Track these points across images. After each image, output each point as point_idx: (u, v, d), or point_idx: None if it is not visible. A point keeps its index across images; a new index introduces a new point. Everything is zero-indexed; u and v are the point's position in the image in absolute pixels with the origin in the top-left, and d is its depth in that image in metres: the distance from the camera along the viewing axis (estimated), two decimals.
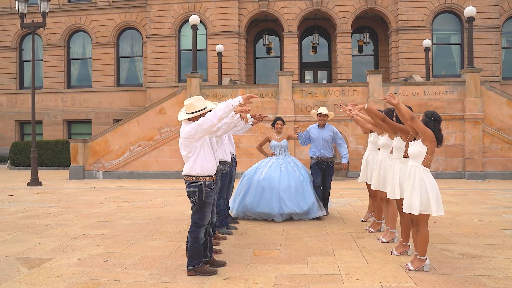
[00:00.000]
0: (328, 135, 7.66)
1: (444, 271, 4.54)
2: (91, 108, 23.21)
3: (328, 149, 7.67)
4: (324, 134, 7.66)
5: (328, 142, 7.65)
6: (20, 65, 24.33)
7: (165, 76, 21.54)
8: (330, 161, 7.67)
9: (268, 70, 23.26)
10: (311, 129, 7.77)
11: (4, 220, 7.65)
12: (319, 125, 7.74)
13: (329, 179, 7.74)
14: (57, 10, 23.21)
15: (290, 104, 14.97)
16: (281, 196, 7.24)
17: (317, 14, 21.60)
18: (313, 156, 7.69)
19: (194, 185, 4.49)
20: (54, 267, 4.79)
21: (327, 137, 7.65)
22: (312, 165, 7.71)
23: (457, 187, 12.29)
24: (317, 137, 7.63)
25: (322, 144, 7.61)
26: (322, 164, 7.62)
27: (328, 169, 7.67)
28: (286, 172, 7.46)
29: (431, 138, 4.40)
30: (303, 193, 7.37)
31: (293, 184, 7.34)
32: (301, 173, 7.57)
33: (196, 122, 4.44)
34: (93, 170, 15.50)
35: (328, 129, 7.71)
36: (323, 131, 7.67)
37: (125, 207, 9.12)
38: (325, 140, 7.63)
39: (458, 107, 14.70)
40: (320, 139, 7.62)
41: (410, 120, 4.45)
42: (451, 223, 7.12)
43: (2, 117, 24.08)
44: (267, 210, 7.24)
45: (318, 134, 7.66)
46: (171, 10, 21.45)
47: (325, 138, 7.64)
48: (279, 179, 7.35)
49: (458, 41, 20.72)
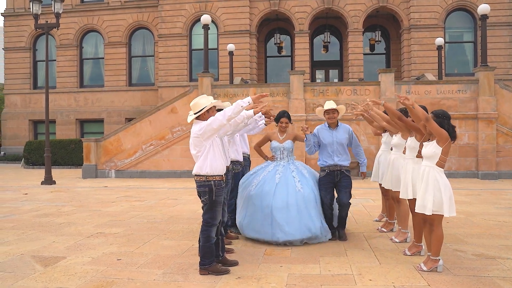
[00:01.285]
0: (343, 137, 5.98)
1: (457, 272, 4.51)
2: (103, 108, 23.41)
3: (344, 156, 5.99)
4: (338, 136, 5.97)
5: (344, 146, 6.00)
6: (34, 65, 24.64)
7: (177, 75, 21.64)
8: (346, 169, 5.97)
9: (279, 69, 23.23)
10: (320, 131, 6.06)
11: (20, 218, 7.76)
12: (329, 125, 6.04)
13: (346, 194, 5.90)
14: (70, 10, 23.45)
15: (301, 103, 14.95)
16: (275, 218, 5.60)
17: (328, 13, 21.51)
18: (324, 166, 5.95)
19: (204, 185, 4.51)
20: (68, 265, 4.86)
21: (342, 139, 5.97)
22: (322, 179, 5.97)
23: (470, 187, 12.16)
24: (330, 141, 5.96)
25: (336, 149, 5.93)
26: (335, 175, 5.92)
27: (344, 180, 5.93)
28: (284, 185, 5.78)
29: (446, 138, 4.37)
30: (308, 212, 5.68)
31: (292, 201, 5.64)
32: (307, 184, 5.86)
33: (206, 122, 4.47)
34: (106, 169, 15.64)
35: (343, 130, 6.05)
36: (336, 133, 5.99)
37: (137, 206, 9.19)
38: (339, 143, 5.95)
39: (471, 106, 14.55)
40: (334, 144, 5.93)
41: (425, 121, 4.41)
42: (464, 223, 7.05)
43: (16, 116, 24.41)
44: (259, 235, 5.71)
45: (330, 137, 5.97)
46: (183, 10, 21.54)
47: (339, 142, 5.95)
48: (273, 195, 5.68)
49: (471, 39, 20.49)
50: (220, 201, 4.58)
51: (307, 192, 5.72)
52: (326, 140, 5.99)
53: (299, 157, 14.75)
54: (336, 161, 5.91)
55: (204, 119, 4.58)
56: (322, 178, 5.98)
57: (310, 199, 5.72)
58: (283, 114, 6.13)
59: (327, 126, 6.07)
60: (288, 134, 6.20)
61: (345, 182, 5.94)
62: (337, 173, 5.91)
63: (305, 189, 5.75)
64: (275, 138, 6.21)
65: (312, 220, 5.66)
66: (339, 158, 5.94)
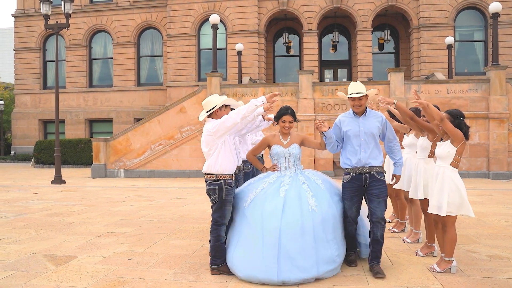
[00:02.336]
0: (373, 126, 4.47)
1: (471, 273, 4.45)
2: (112, 107, 23.52)
3: (375, 151, 4.48)
4: (367, 125, 4.47)
5: (375, 138, 4.50)
6: (43, 65, 24.83)
7: (185, 75, 21.68)
8: (378, 171, 4.44)
9: (287, 68, 23.20)
10: (343, 121, 4.61)
11: (31, 217, 7.81)
12: (355, 112, 4.56)
13: (379, 206, 4.41)
14: (79, 11, 23.59)
15: (310, 103, 14.90)
16: (284, 248, 4.14)
17: (337, 12, 21.43)
18: (348, 168, 4.50)
19: (214, 183, 4.50)
20: (80, 264, 4.87)
21: (372, 129, 4.45)
22: (345, 185, 4.53)
23: (481, 187, 12.04)
24: (355, 132, 4.48)
25: (364, 142, 4.44)
26: (363, 180, 4.42)
27: (376, 186, 4.41)
28: (295, 201, 4.33)
29: (461, 139, 4.32)
30: (325, 238, 4.29)
31: (308, 225, 4.22)
32: (324, 199, 4.43)
33: (219, 120, 4.47)
34: (115, 169, 15.70)
35: (373, 117, 4.53)
36: (364, 120, 4.50)
37: (147, 205, 9.21)
38: (369, 134, 4.45)
39: (482, 106, 14.41)
40: (361, 134, 4.45)
41: (440, 121, 4.36)
42: (477, 224, 6.98)
43: (26, 116, 24.60)
44: (258, 273, 4.14)
45: (356, 126, 4.49)
46: (191, 10, 21.57)
47: (369, 132, 4.44)
48: (281, 215, 4.23)
49: (482, 38, 20.30)
50: (230, 200, 4.56)
51: (324, 211, 4.32)
52: (350, 131, 4.50)
53: (307, 157, 14.71)
54: (363, 158, 4.42)
55: (217, 117, 4.58)
56: (346, 184, 4.51)
57: (328, 219, 4.33)
58: (286, 111, 4.64)
59: (352, 113, 4.59)
60: (293, 137, 4.77)
61: (377, 188, 4.40)
62: (366, 177, 4.40)
63: (322, 206, 4.34)
64: (277, 142, 4.76)
65: (330, 248, 4.30)
66: (368, 155, 4.42)
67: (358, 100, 4.48)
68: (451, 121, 4.39)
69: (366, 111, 4.55)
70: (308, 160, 14.71)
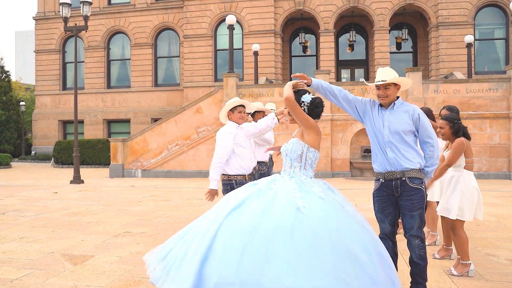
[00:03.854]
0: (402, 122, 3.53)
1: (490, 277, 4.37)
2: (130, 108, 23.79)
3: (408, 152, 3.53)
4: (393, 121, 3.55)
5: (402, 136, 3.52)
6: (63, 67, 25.27)
7: (202, 75, 21.80)
8: (411, 177, 3.50)
9: (304, 68, 23.10)
10: (368, 108, 3.71)
11: (50, 216, 7.95)
12: (381, 104, 3.67)
13: (413, 220, 3.53)
14: (98, 13, 23.93)
15: (327, 103, 14.74)
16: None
17: (354, 11, 21.27)
18: (378, 171, 3.65)
19: (226, 183, 4.62)
20: (97, 264, 4.94)
21: (399, 126, 3.53)
22: (374, 193, 3.71)
23: (502, 188, 11.81)
24: (379, 128, 3.59)
25: (389, 142, 3.53)
26: (393, 188, 3.54)
27: (409, 195, 3.51)
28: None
29: (462, 147, 4.41)
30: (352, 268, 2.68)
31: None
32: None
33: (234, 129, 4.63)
34: (132, 169, 15.88)
35: (403, 111, 3.58)
36: (391, 115, 3.58)
37: (163, 205, 9.28)
38: (395, 132, 3.52)
39: (502, 105, 14.13)
40: (386, 131, 3.55)
41: (447, 162, 4.47)
42: (497, 226, 6.84)
43: (46, 116, 25.06)
44: None
45: (380, 121, 3.60)
46: (208, 11, 21.68)
47: (395, 129, 3.52)
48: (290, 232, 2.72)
49: (503, 36, 19.91)
50: None
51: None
52: (374, 127, 3.63)
53: (323, 158, 14.62)
54: (392, 159, 3.52)
55: (231, 119, 4.70)
56: (375, 192, 3.69)
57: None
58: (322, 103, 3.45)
59: (378, 104, 3.72)
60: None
61: (409, 200, 3.52)
62: (397, 184, 3.53)
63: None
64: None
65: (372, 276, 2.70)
66: (396, 155, 3.52)
67: (384, 89, 3.59)
68: (451, 126, 4.43)
69: (395, 103, 3.63)
70: (325, 161, 14.64)
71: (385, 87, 3.60)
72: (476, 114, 14.13)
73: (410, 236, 3.57)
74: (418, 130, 3.58)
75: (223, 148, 4.54)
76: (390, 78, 3.57)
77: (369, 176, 14.72)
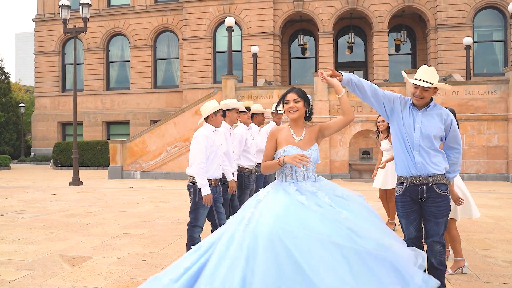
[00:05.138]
0: (434, 126, 3.38)
1: (487, 278, 4.38)
2: (129, 110, 23.82)
3: (436, 156, 3.39)
4: (426, 124, 3.38)
5: (432, 141, 3.37)
6: (62, 69, 25.30)
7: (201, 77, 21.83)
8: (438, 183, 3.37)
9: (303, 70, 23.17)
10: (397, 107, 3.49)
11: (49, 218, 7.95)
12: (415, 104, 3.45)
13: (437, 227, 3.39)
14: (97, 15, 23.96)
15: (325, 105, 14.85)
16: None
17: (353, 13, 21.33)
18: (402, 175, 3.48)
19: (190, 185, 4.62)
20: (95, 265, 4.94)
21: (431, 129, 3.37)
22: (398, 198, 3.53)
23: (500, 190, 11.83)
24: (409, 129, 3.41)
25: (418, 145, 3.36)
26: (418, 193, 3.39)
27: (435, 202, 3.37)
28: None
29: None
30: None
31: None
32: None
33: (197, 145, 4.57)
34: (131, 170, 15.89)
35: (436, 113, 3.43)
36: (423, 117, 3.41)
37: (162, 207, 9.29)
38: (426, 136, 3.36)
39: (501, 107, 14.16)
40: (416, 134, 3.38)
41: None
42: (494, 228, 6.86)
43: (46, 118, 25.08)
44: None
45: (411, 123, 3.41)
46: (207, 12, 21.72)
47: (426, 133, 3.36)
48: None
49: (501, 38, 19.97)
50: (203, 204, 4.58)
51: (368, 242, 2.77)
52: (402, 127, 3.44)
53: (322, 160, 14.64)
54: (419, 163, 3.37)
55: (212, 122, 4.69)
56: (399, 197, 3.51)
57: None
58: (290, 89, 3.26)
59: (410, 104, 3.49)
60: (309, 131, 3.25)
61: (436, 206, 3.38)
62: (422, 189, 3.38)
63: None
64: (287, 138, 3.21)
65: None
66: (424, 160, 3.37)
67: (422, 90, 3.36)
68: None
69: (429, 105, 3.44)
70: (323, 163, 14.66)
71: (424, 88, 3.37)
72: (475, 116, 14.16)
73: (433, 242, 3.43)
74: (447, 135, 3.46)
75: (201, 152, 4.50)
76: (435, 81, 3.36)
77: (367, 178, 14.74)
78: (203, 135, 4.57)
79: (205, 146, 4.52)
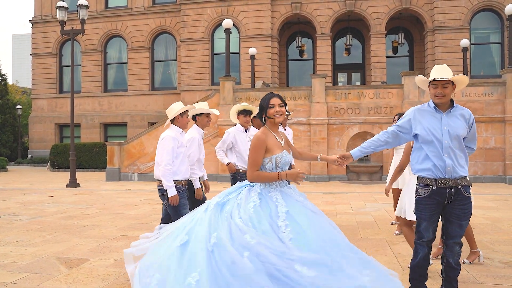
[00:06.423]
0: (460, 126, 3.41)
1: (484, 280, 4.38)
2: (126, 111, 23.78)
3: (463, 158, 3.44)
4: (452, 125, 3.40)
5: (461, 141, 3.43)
6: (60, 70, 25.25)
7: (199, 79, 21.83)
8: (465, 185, 3.42)
9: (301, 72, 23.20)
10: (419, 116, 3.50)
11: (45, 220, 7.93)
12: (436, 105, 3.45)
13: (461, 229, 3.45)
14: (95, 16, 23.94)
15: (323, 107, 14.85)
16: None
17: (350, 16, 21.37)
18: (429, 176, 3.42)
19: (161, 190, 4.69)
20: (92, 267, 4.93)
21: (458, 129, 3.40)
22: (423, 200, 3.46)
23: (497, 192, 11.85)
24: (438, 134, 3.39)
25: (449, 148, 3.37)
26: (446, 196, 3.38)
27: (461, 204, 3.41)
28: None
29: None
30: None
31: None
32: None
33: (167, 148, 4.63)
34: (129, 172, 15.86)
35: (459, 114, 3.47)
36: (449, 119, 3.42)
37: (159, 209, 9.26)
38: (455, 137, 3.38)
39: (498, 109, 14.20)
40: (446, 137, 3.37)
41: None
42: (491, 229, 6.87)
43: (43, 120, 25.01)
44: None
45: (438, 126, 3.41)
46: (205, 14, 21.73)
47: (455, 134, 3.38)
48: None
49: (498, 40, 20.04)
50: (183, 203, 4.64)
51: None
52: (429, 131, 3.41)
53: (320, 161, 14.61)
54: (449, 166, 3.36)
55: (178, 124, 4.78)
56: (424, 199, 3.45)
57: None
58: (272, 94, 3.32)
59: (432, 106, 3.47)
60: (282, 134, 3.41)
61: (461, 208, 3.42)
62: (451, 192, 3.38)
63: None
64: (275, 144, 3.25)
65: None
66: (454, 162, 3.37)
67: (442, 87, 3.36)
68: None
69: (453, 105, 3.47)
70: (321, 165, 14.65)
71: (443, 85, 3.38)
72: None
73: (453, 242, 3.47)
74: (468, 135, 3.52)
75: (168, 153, 4.56)
76: (450, 75, 3.37)
77: (365, 179, 14.74)
78: (170, 136, 4.62)
79: (173, 147, 4.58)
